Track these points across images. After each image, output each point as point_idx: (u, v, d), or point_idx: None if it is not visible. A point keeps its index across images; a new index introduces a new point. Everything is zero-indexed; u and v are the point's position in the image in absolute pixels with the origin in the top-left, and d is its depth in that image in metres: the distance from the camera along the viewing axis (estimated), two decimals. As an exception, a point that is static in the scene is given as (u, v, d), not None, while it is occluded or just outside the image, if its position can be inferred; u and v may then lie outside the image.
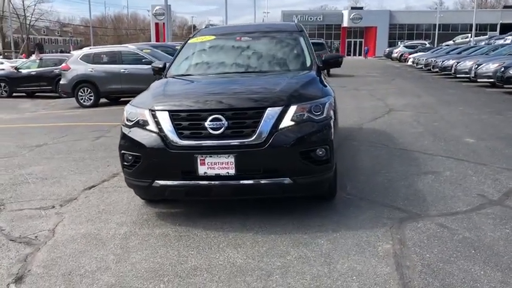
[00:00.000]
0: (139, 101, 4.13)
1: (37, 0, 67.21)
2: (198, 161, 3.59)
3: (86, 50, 14.47)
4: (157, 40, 32.64)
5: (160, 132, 3.69)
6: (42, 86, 18.53)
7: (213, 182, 3.64)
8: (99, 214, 4.24)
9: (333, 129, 3.85)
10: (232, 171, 3.59)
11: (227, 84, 4.42)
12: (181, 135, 3.65)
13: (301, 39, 5.12)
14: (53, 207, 4.50)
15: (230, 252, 3.36)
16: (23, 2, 68.04)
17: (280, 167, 3.64)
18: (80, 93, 13.45)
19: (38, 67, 19.04)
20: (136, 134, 3.80)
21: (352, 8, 70.36)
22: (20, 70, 19.37)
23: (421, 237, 3.47)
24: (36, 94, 19.11)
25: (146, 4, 38.85)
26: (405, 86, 16.03)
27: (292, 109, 3.68)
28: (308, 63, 4.80)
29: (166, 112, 3.72)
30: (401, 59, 38.72)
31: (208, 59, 5.21)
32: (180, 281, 2.98)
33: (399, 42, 49.63)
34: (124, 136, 3.91)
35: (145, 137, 3.74)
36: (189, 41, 5.47)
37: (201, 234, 3.68)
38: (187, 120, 3.68)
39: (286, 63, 4.91)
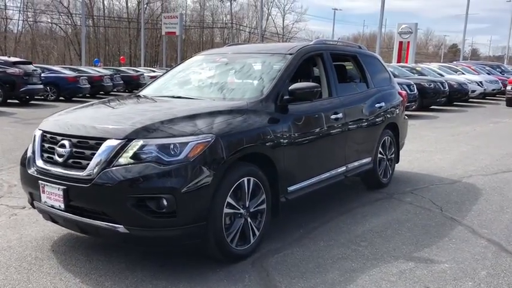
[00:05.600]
0: None
1: (294, 20, 74.52)
2: (40, 187, 3.36)
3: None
4: (398, 60, 30.42)
5: (33, 150, 3.59)
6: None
7: (59, 213, 3.33)
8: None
9: (197, 176, 3.07)
10: (62, 206, 3.23)
11: (122, 108, 4.04)
12: (42, 158, 3.48)
13: (281, 64, 4.18)
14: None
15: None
16: (283, 22, 77.01)
17: (108, 211, 3.08)
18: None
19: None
20: (28, 149, 3.76)
21: None
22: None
23: None
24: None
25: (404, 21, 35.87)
26: None
27: (136, 144, 3.07)
28: (251, 94, 3.93)
29: (40, 131, 3.61)
30: None
31: (172, 79, 4.78)
32: None
33: None
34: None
35: (26, 154, 3.69)
36: (185, 61, 5.15)
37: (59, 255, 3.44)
38: (48, 143, 3.49)
39: (230, 91, 4.18)
